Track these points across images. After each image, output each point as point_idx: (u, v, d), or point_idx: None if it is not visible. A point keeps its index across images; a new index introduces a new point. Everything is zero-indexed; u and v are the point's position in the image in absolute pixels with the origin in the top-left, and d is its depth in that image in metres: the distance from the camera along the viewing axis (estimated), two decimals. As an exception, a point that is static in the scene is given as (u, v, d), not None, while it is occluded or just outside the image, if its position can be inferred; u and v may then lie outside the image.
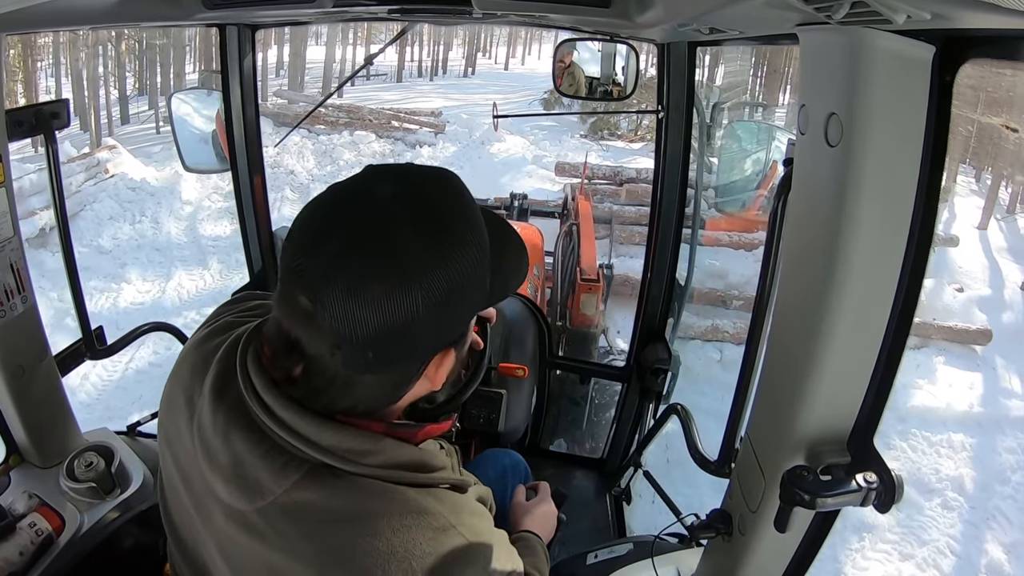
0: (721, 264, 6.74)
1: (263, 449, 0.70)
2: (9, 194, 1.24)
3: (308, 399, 0.69)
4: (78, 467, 1.38)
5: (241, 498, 0.70)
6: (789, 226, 0.86)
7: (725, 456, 1.08)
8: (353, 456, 0.69)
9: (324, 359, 0.66)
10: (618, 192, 8.37)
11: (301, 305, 0.64)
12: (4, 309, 1.27)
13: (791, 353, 0.81)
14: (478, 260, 0.67)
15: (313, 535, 0.68)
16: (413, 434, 0.77)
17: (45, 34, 12.76)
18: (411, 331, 0.64)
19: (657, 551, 1.22)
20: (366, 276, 0.62)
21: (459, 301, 0.67)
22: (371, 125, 12.14)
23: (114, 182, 8.06)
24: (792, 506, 0.77)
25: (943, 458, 4.64)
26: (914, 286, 0.73)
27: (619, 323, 5.19)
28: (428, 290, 0.63)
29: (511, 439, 1.97)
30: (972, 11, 0.52)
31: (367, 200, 0.66)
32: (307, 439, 0.69)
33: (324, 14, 1.43)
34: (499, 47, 31.71)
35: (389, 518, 0.68)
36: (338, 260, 0.63)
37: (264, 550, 0.70)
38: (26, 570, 1.20)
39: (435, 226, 0.65)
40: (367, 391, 0.70)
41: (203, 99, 1.97)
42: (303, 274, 0.64)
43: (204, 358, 0.78)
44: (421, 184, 0.69)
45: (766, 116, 12.62)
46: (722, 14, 0.95)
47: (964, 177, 11.28)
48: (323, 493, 0.68)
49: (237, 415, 0.72)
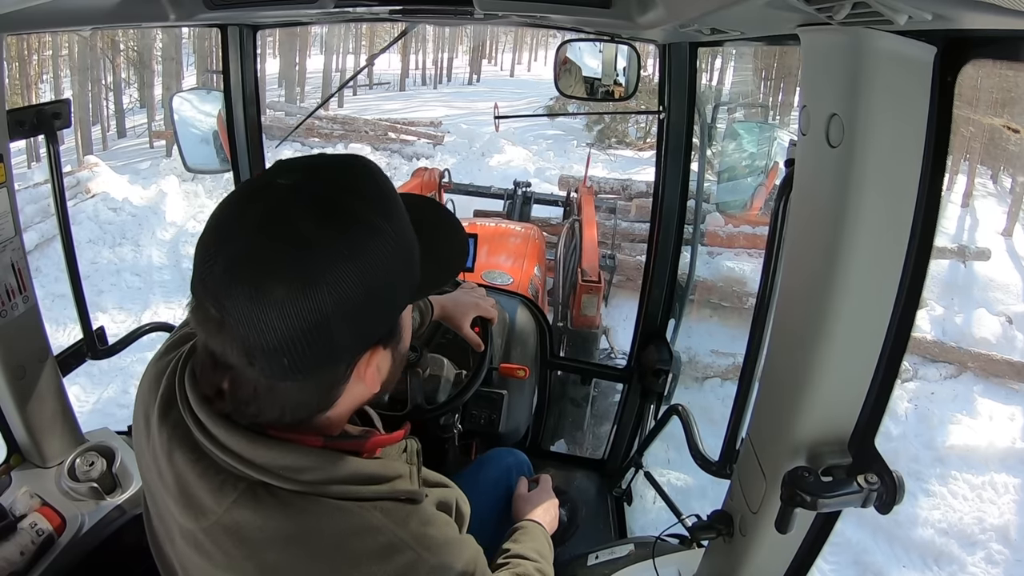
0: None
1: (201, 468, 0.68)
2: (10, 194, 1.25)
3: (237, 412, 0.66)
4: (79, 467, 1.38)
5: (188, 517, 0.68)
6: (791, 227, 0.86)
7: (726, 457, 1.08)
8: (289, 473, 0.66)
9: (243, 369, 0.62)
10: (628, 208, 7.76)
11: (211, 315, 0.60)
12: (5, 309, 1.27)
13: (792, 354, 0.81)
14: (395, 250, 0.63)
15: (255, 556, 0.66)
16: (360, 446, 0.73)
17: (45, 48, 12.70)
18: (325, 333, 0.60)
19: (658, 552, 1.22)
20: (268, 278, 0.58)
21: (377, 296, 0.63)
22: (367, 137, 11.82)
23: (94, 203, 7.66)
24: (793, 507, 0.77)
25: (986, 503, 4.29)
26: (915, 287, 0.73)
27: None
28: (338, 287, 0.59)
29: (512, 440, 1.96)
30: (973, 12, 0.52)
31: (266, 195, 0.61)
32: (240, 456, 0.66)
33: (325, 14, 1.43)
34: (504, 53, 31.51)
35: (331, 537, 0.66)
36: (239, 263, 0.59)
37: (214, 570, 0.68)
38: (27, 570, 1.20)
39: (340, 216, 0.60)
40: (293, 398, 0.65)
41: (204, 99, 1.98)
42: (206, 282, 0.60)
43: (158, 375, 0.76)
44: (324, 172, 0.65)
45: (781, 120, 12.40)
46: (723, 15, 0.95)
47: (979, 179, 10.72)
48: (261, 513, 0.66)
49: (179, 434, 0.70)
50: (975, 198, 9.66)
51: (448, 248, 0.75)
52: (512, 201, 5.55)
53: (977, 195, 9.87)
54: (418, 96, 20.44)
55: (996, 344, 5.77)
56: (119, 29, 9.41)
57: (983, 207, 9.42)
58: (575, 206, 5.16)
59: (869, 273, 0.72)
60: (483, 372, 1.68)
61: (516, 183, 5.62)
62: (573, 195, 5.60)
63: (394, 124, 12.51)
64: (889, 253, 0.72)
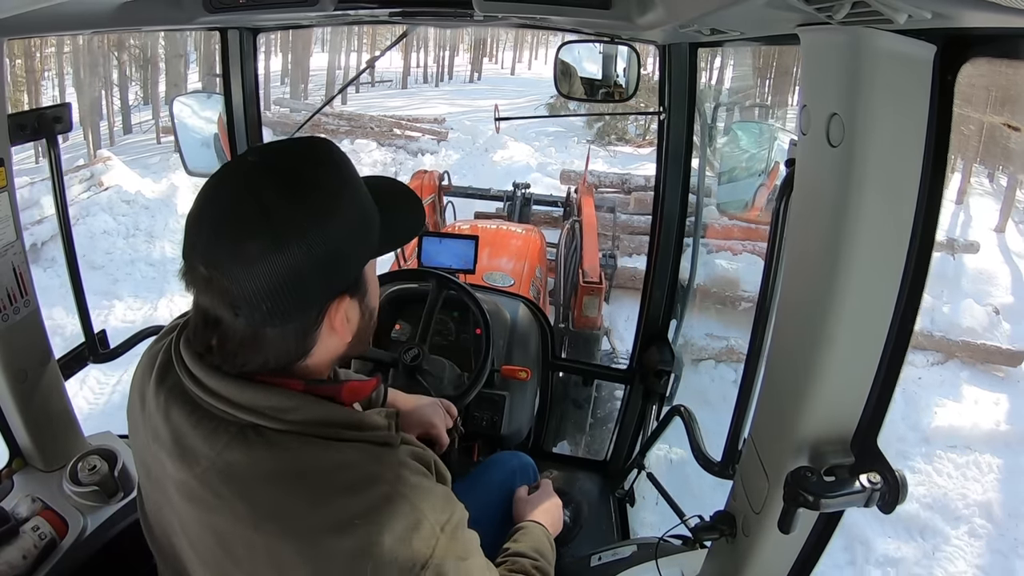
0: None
1: (196, 418, 0.75)
2: (11, 198, 1.25)
3: (226, 363, 0.74)
4: (81, 470, 1.38)
5: (183, 468, 0.75)
6: (791, 227, 0.86)
7: (728, 457, 1.08)
8: (275, 413, 0.73)
9: (230, 321, 0.71)
10: (627, 201, 7.93)
11: (200, 273, 0.70)
12: (7, 313, 1.27)
13: (794, 354, 0.81)
14: (353, 211, 0.74)
15: (246, 493, 0.72)
16: (337, 391, 0.81)
17: (48, 45, 12.85)
18: (298, 282, 0.70)
19: (661, 553, 1.22)
20: (244, 238, 0.68)
21: (343, 251, 0.73)
22: (372, 133, 12.21)
23: (108, 195, 7.90)
24: (796, 507, 0.77)
25: (970, 481, 4.44)
26: (917, 286, 0.73)
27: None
28: (305, 243, 0.69)
29: (514, 441, 1.96)
30: (973, 10, 0.52)
31: (237, 171, 0.74)
32: (230, 400, 0.74)
33: (325, 17, 1.44)
34: (505, 52, 31.59)
35: (313, 472, 0.73)
36: (220, 227, 0.70)
37: (208, 515, 0.74)
38: (29, 574, 1.20)
39: (305, 186, 0.71)
40: (274, 346, 0.74)
41: (205, 103, 1.98)
42: (196, 245, 0.70)
43: (151, 358, 0.84)
44: (284, 150, 0.77)
45: (776, 117, 12.49)
46: (723, 15, 0.95)
47: (976, 178, 10.87)
48: (252, 452, 0.73)
49: (175, 393, 0.78)
50: (970, 195, 9.74)
51: (404, 212, 0.86)
52: (512, 203, 5.53)
53: (973, 193, 9.94)
54: (420, 94, 20.66)
55: (982, 333, 5.92)
56: (119, 33, 9.46)
57: (977, 204, 9.51)
58: (575, 207, 5.15)
59: (870, 272, 0.72)
60: (485, 374, 1.68)
61: (515, 184, 5.62)
62: (573, 195, 5.58)
63: (399, 121, 12.87)
64: (890, 252, 0.72)
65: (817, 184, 0.75)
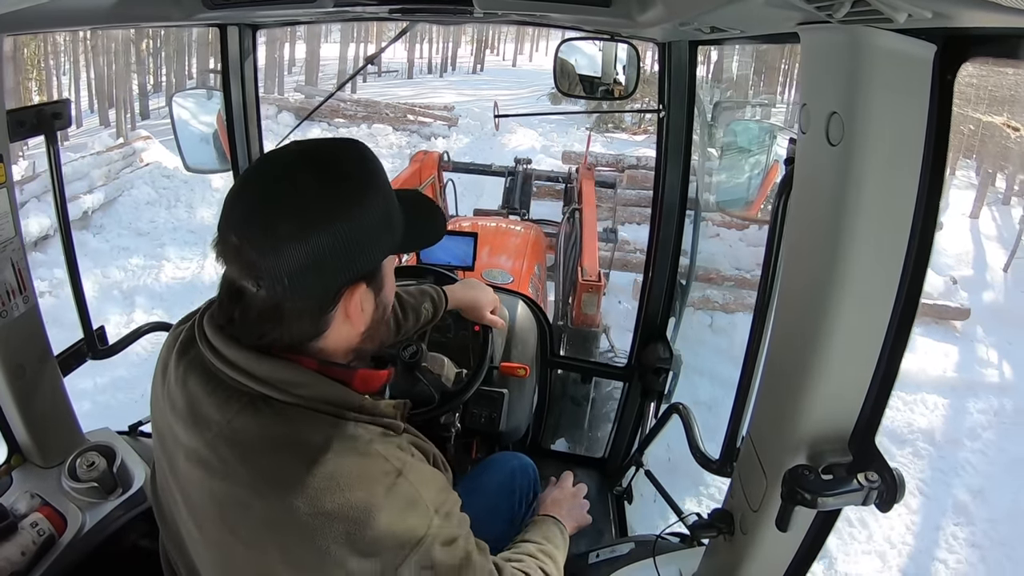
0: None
1: (212, 387, 0.79)
2: (10, 194, 1.25)
3: (245, 335, 0.79)
4: (80, 467, 1.38)
5: (195, 435, 0.78)
6: (790, 225, 0.86)
7: (727, 455, 1.08)
8: (286, 387, 0.77)
9: (252, 293, 0.76)
10: (620, 178, 8.86)
11: (231, 242, 0.75)
12: (6, 309, 1.27)
13: (793, 352, 0.81)
14: (378, 206, 0.79)
15: (249, 459, 0.75)
16: (350, 376, 0.83)
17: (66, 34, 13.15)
18: (319, 262, 0.74)
19: (659, 550, 1.22)
20: (275, 215, 0.74)
21: (364, 240, 0.77)
22: (388, 119, 12.94)
23: (149, 170, 8.43)
24: (794, 505, 0.77)
25: (916, 415, 4.83)
26: (915, 285, 0.73)
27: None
28: (332, 228, 0.74)
29: (512, 439, 1.96)
30: (973, 10, 0.52)
31: (280, 157, 0.80)
32: (245, 371, 0.77)
33: (324, 14, 1.43)
34: (507, 44, 32.33)
35: (315, 444, 0.75)
36: (256, 205, 0.75)
37: (211, 481, 0.77)
38: (28, 570, 1.21)
39: (336, 176, 0.77)
40: (291, 321, 0.78)
41: (204, 99, 1.97)
42: (230, 219, 0.76)
43: (176, 335, 0.88)
44: (322, 144, 0.82)
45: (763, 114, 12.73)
46: (723, 13, 0.95)
47: (964, 172, 11.59)
48: (260, 420, 0.76)
49: (195, 364, 0.82)
50: (953, 188, 10.23)
51: (429, 222, 0.93)
52: (513, 178, 5.53)
53: (959, 186, 10.57)
54: (426, 84, 21.37)
55: (938, 298, 6.39)
56: (118, 29, 9.51)
57: (958, 196, 10.09)
58: (575, 189, 5.11)
59: (869, 271, 0.72)
60: (484, 370, 1.68)
61: (517, 160, 5.63)
62: (574, 173, 5.57)
63: (412, 107, 13.61)
64: (889, 251, 0.72)
65: (816, 183, 0.75)
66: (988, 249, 8.33)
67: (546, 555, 1.07)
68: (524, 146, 11.60)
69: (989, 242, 8.66)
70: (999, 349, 5.94)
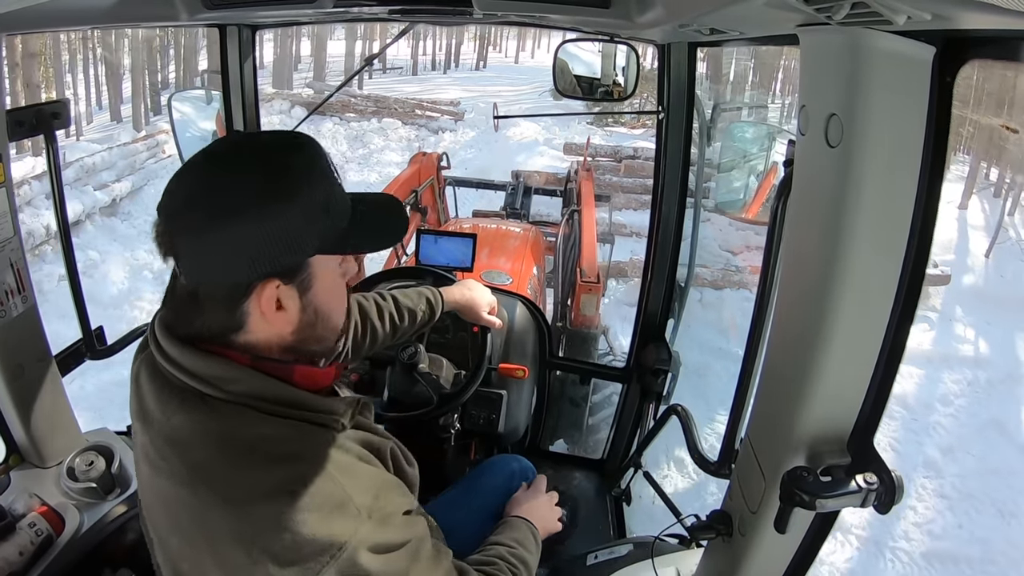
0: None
1: (157, 384, 0.79)
2: (9, 194, 1.24)
3: (176, 324, 0.80)
4: (78, 467, 1.38)
5: (144, 432, 0.79)
6: (789, 226, 0.86)
7: (725, 457, 1.08)
8: (219, 382, 0.77)
9: (178, 279, 0.78)
10: (618, 168, 10.08)
11: (159, 227, 0.77)
12: (5, 309, 1.27)
13: (791, 354, 0.81)
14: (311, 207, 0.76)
15: (186, 456, 0.75)
16: (287, 372, 0.81)
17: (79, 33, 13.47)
18: (232, 252, 0.74)
19: (657, 552, 1.22)
20: (197, 204, 0.74)
21: (282, 236, 0.75)
22: (397, 113, 13.50)
23: (171, 160, 8.73)
24: (792, 507, 0.77)
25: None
26: (914, 287, 0.73)
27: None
28: (245, 220, 0.73)
29: (511, 440, 1.96)
30: (972, 12, 0.52)
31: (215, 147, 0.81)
32: (180, 366, 0.77)
33: (324, 15, 1.43)
34: (509, 41, 33.02)
35: (245, 440, 0.75)
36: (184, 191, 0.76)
37: (155, 477, 0.78)
38: (26, 570, 1.20)
39: (265, 169, 0.76)
40: (208, 309, 0.77)
41: (203, 100, 1.97)
42: (161, 204, 0.77)
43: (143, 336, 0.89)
44: (264, 137, 0.82)
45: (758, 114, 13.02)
46: (722, 15, 0.95)
47: (959, 166, 12.06)
48: (195, 417, 0.76)
49: (147, 363, 0.82)
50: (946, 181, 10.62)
51: (383, 224, 0.88)
52: (513, 192, 5.66)
53: (950, 179, 10.94)
54: (431, 80, 22.03)
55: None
56: (117, 29, 9.57)
57: (948, 188, 10.49)
58: (575, 191, 5.14)
59: (868, 273, 0.72)
60: (482, 372, 1.68)
61: (515, 174, 5.75)
62: (573, 176, 5.64)
63: (420, 103, 14.17)
64: (888, 253, 0.72)
65: (815, 184, 0.75)
66: (973, 237, 8.80)
67: (519, 560, 1.06)
68: (527, 138, 12.18)
69: (975, 231, 9.15)
70: (977, 328, 6.23)
